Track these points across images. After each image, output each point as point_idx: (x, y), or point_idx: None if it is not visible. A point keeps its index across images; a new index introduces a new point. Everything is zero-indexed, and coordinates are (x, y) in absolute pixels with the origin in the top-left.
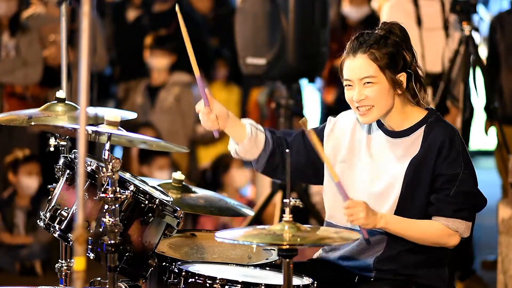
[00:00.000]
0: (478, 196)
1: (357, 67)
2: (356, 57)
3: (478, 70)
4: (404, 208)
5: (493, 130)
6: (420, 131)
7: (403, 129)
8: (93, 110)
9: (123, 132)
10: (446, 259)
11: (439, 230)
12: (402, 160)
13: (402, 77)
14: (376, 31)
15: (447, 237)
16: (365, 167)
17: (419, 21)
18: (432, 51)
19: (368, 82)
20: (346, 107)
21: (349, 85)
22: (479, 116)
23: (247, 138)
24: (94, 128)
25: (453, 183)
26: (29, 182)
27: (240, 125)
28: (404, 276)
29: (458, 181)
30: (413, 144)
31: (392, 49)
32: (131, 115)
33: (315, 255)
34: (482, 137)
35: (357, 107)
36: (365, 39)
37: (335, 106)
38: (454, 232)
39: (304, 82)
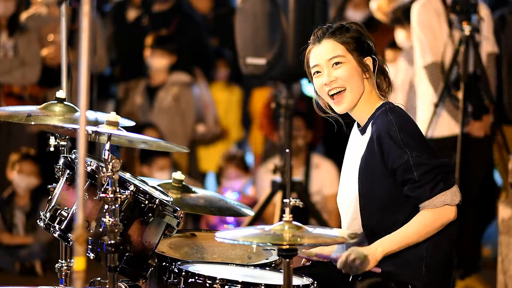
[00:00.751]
0: (439, 164)
1: (324, 50)
2: (321, 43)
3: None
4: (365, 207)
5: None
6: (370, 127)
7: (363, 125)
8: (93, 115)
9: (123, 132)
10: (423, 258)
11: (432, 216)
12: (357, 159)
13: (369, 61)
14: (335, 24)
15: (441, 215)
16: (344, 170)
17: (449, 22)
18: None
19: (336, 63)
20: None
21: (318, 72)
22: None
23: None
24: (94, 128)
25: (410, 171)
26: (26, 181)
27: None
28: (383, 273)
29: (412, 166)
30: (366, 139)
31: (355, 34)
32: (129, 123)
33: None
34: None
35: (330, 95)
36: (328, 28)
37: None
38: (444, 206)
39: (304, 82)
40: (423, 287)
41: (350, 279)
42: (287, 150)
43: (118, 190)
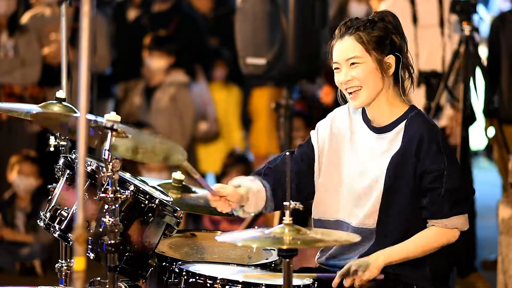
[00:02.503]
0: (467, 188)
1: (343, 48)
2: (343, 40)
3: (478, 70)
4: (387, 204)
5: (493, 130)
6: (401, 126)
7: (385, 125)
8: (93, 118)
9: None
10: (428, 259)
11: (438, 235)
12: (384, 155)
13: (391, 59)
14: (368, 17)
15: (447, 236)
16: (350, 163)
17: (414, 19)
18: (427, 49)
19: (354, 63)
20: None
21: (337, 68)
22: (479, 116)
23: (250, 196)
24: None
25: (440, 180)
26: (26, 182)
27: (242, 192)
28: (387, 275)
29: (444, 177)
30: (395, 139)
31: (379, 32)
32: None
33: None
34: (482, 137)
35: (346, 90)
36: (353, 23)
37: (334, 107)
38: (453, 229)
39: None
40: (428, 287)
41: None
42: (287, 153)
43: (118, 190)
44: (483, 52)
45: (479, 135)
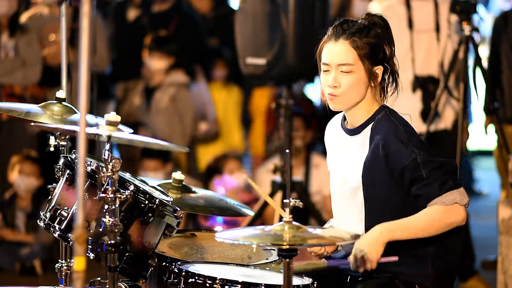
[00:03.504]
0: (447, 163)
1: (337, 52)
2: (337, 42)
3: (478, 70)
4: (372, 210)
5: (493, 130)
6: (368, 129)
7: (356, 126)
8: (93, 119)
9: (124, 134)
10: (429, 256)
11: (441, 211)
12: (358, 161)
13: (379, 70)
14: (360, 21)
15: (451, 213)
16: (336, 168)
17: (410, 24)
18: (423, 53)
19: (345, 71)
20: None
21: (327, 70)
22: (479, 116)
23: None
24: (95, 131)
25: (418, 169)
26: (27, 182)
27: None
28: (388, 273)
29: (420, 164)
30: (363, 143)
31: (374, 40)
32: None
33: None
34: (482, 137)
35: (328, 93)
36: (349, 26)
37: None
38: (453, 204)
39: (303, 82)
40: (430, 286)
41: (347, 280)
42: (287, 151)
43: (118, 190)
44: (483, 52)
45: (480, 134)
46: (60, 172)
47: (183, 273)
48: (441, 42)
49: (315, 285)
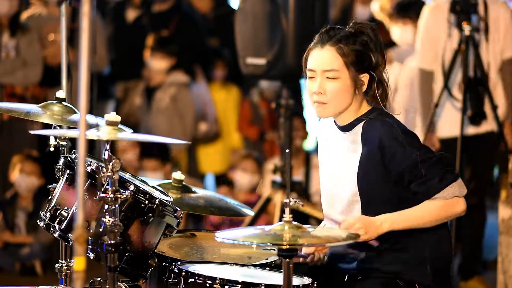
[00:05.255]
0: (444, 157)
1: (323, 58)
2: (323, 49)
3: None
4: (369, 209)
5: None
6: (359, 127)
7: (347, 124)
8: (93, 120)
9: (125, 135)
10: (427, 256)
11: (442, 204)
12: (351, 160)
13: (365, 77)
14: (347, 29)
15: (451, 207)
16: (327, 165)
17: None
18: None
19: (330, 77)
20: None
21: (312, 77)
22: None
23: None
24: (95, 133)
25: (417, 168)
26: (28, 182)
27: None
28: (388, 273)
29: (420, 162)
30: (354, 142)
31: (360, 47)
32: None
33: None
34: None
35: (314, 101)
36: (336, 33)
37: None
38: (453, 198)
39: (304, 82)
40: (429, 285)
41: (346, 279)
42: (287, 150)
43: (118, 190)
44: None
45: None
46: (60, 172)
47: (183, 273)
48: (490, 43)
49: (315, 285)
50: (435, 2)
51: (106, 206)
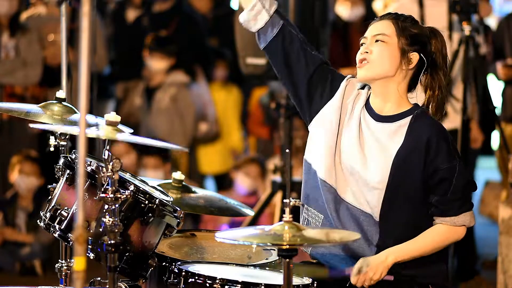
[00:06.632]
0: (472, 184)
1: (376, 26)
2: (381, 20)
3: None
4: (391, 198)
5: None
6: (405, 121)
7: (386, 115)
8: (93, 120)
9: (125, 136)
10: (446, 254)
11: (446, 232)
12: (387, 149)
13: (414, 56)
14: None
15: (455, 234)
16: (347, 139)
17: (422, 22)
18: None
19: (379, 39)
20: None
21: (363, 43)
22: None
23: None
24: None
25: (451, 177)
26: (28, 182)
27: None
28: (405, 276)
29: (456, 173)
30: (396, 133)
31: (417, 30)
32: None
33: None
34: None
35: (359, 60)
36: (398, 14)
37: None
38: (461, 226)
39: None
40: (445, 284)
41: (348, 285)
42: (287, 150)
43: (118, 190)
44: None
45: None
46: (60, 172)
47: (183, 273)
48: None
49: (315, 285)
50: (399, 1)
51: (106, 206)
